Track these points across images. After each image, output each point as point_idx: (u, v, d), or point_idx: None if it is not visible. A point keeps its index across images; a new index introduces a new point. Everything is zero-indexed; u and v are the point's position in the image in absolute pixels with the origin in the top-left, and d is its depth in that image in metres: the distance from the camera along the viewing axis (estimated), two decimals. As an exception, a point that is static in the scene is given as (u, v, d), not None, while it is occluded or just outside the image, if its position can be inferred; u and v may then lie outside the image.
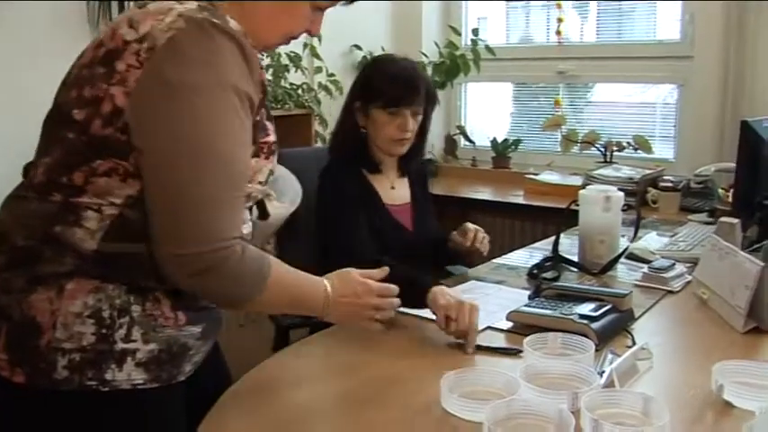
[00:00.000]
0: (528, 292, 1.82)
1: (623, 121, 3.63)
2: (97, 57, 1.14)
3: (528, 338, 1.42)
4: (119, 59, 1.10)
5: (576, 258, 2.10)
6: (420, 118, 2.04)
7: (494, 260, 2.19)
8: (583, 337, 1.44)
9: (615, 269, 2.05)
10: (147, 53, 1.09)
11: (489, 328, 1.62)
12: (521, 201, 3.32)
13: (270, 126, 1.26)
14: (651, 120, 3.61)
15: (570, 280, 1.99)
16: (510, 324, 1.63)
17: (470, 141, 3.98)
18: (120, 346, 1.14)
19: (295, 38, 1.31)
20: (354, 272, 1.34)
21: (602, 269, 2.02)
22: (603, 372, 1.32)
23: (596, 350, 1.42)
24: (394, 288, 1.38)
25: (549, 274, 1.99)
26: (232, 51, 1.12)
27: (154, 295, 1.17)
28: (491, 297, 1.84)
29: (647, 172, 3.13)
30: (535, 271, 2.02)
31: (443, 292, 1.55)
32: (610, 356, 1.42)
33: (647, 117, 3.62)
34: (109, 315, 1.14)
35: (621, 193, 2.08)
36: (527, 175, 3.47)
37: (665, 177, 3.10)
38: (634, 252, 2.15)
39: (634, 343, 1.52)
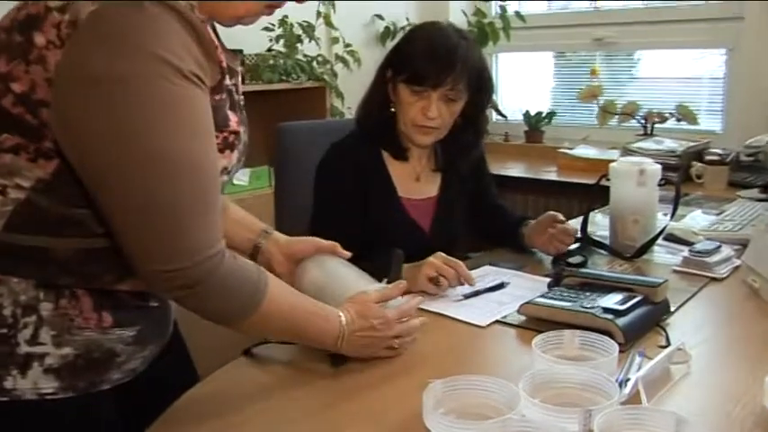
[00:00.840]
0: (549, 280, 1.56)
1: (666, 93, 3.30)
2: (17, 20, 0.93)
3: (537, 338, 1.17)
4: (38, 30, 0.89)
5: (607, 240, 1.83)
6: (458, 107, 1.68)
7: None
8: (606, 336, 1.18)
9: (651, 252, 1.78)
10: (68, 28, 0.87)
11: (498, 322, 1.37)
12: (553, 177, 3.03)
13: (233, 117, 1.03)
14: (697, 93, 3.26)
15: (599, 266, 1.73)
16: (522, 318, 1.38)
17: (502, 115, 3.70)
18: (25, 349, 0.94)
19: (276, 6, 1.06)
20: (371, 298, 1.20)
21: (636, 252, 1.75)
22: (628, 380, 1.06)
23: (622, 351, 1.16)
24: (414, 302, 1.26)
25: (574, 259, 1.72)
26: (172, 26, 0.88)
27: (71, 291, 0.96)
28: (506, 286, 1.58)
29: (692, 144, 2.82)
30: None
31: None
32: (638, 359, 1.16)
33: (692, 90, 3.27)
34: (11, 313, 0.93)
35: (658, 166, 1.80)
36: (561, 150, 3.18)
37: (711, 150, 2.78)
38: (674, 233, 1.87)
39: (668, 343, 1.25)
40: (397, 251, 1.46)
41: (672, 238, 1.85)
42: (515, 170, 3.20)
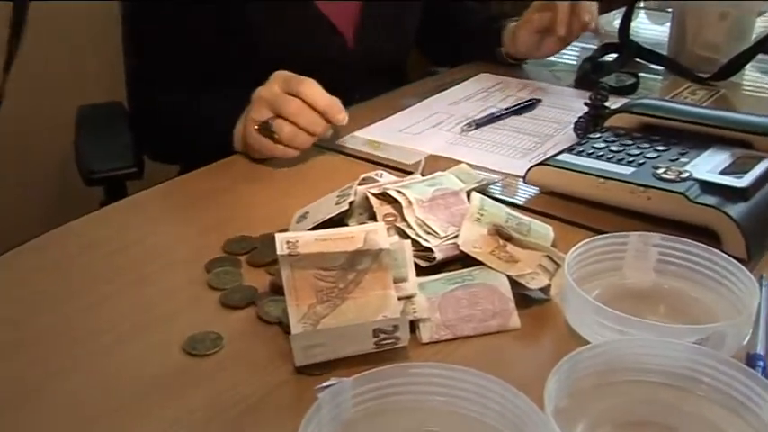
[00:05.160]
0: (575, 118, 0.99)
1: None
2: None
3: (574, 252, 0.61)
4: None
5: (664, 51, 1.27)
6: None
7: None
8: (706, 247, 0.63)
9: (741, 74, 1.20)
10: None
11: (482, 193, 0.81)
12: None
13: None
14: None
15: (653, 90, 1.16)
16: (530, 192, 0.82)
17: None
18: None
19: None
20: None
21: (721, 71, 1.17)
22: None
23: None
24: None
25: (611, 80, 1.15)
26: None
27: None
28: (497, 127, 1.02)
29: None
30: (588, 68, 1.18)
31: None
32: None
33: None
34: None
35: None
36: None
37: None
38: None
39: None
40: None
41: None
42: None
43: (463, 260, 0.65)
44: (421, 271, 0.63)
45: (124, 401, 0.53)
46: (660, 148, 0.81)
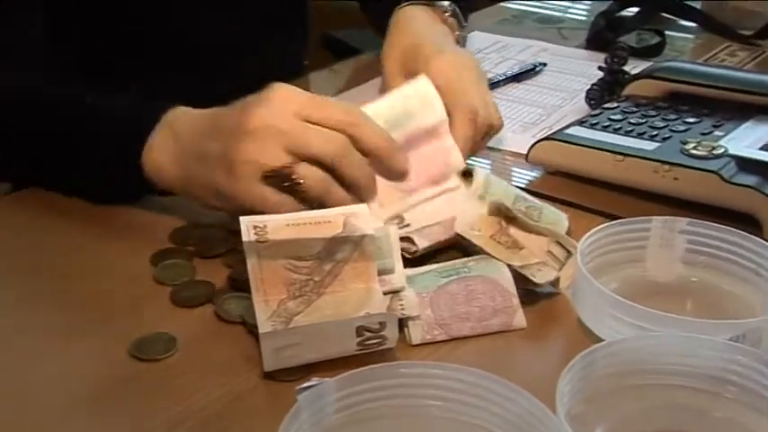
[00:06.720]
0: (587, 85, 1.07)
1: None
2: None
3: (588, 238, 0.68)
4: None
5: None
6: None
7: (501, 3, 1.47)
8: (743, 234, 0.70)
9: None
10: None
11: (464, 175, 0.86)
12: None
13: None
14: None
15: (683, 54, 1.25)
16: (533, 174, 0.89)
17: None
18: None
19: None
20: None
21: (763, 29, 1.26)
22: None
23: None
24: None
25: (632, 39, 1.24)
26: None
27: None
28: (494, 96, 1.08)
29: None
30: (603, 24, 1.27)
31: None
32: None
33: None
34: None
35: None
36: None
37: None
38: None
39: None
40: None
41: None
42: None
43: (456, 248, 0.71)
44: (408, 262, 0.69)
45: (64, 412, 0.58)
46: (690, 119, 0.89)
